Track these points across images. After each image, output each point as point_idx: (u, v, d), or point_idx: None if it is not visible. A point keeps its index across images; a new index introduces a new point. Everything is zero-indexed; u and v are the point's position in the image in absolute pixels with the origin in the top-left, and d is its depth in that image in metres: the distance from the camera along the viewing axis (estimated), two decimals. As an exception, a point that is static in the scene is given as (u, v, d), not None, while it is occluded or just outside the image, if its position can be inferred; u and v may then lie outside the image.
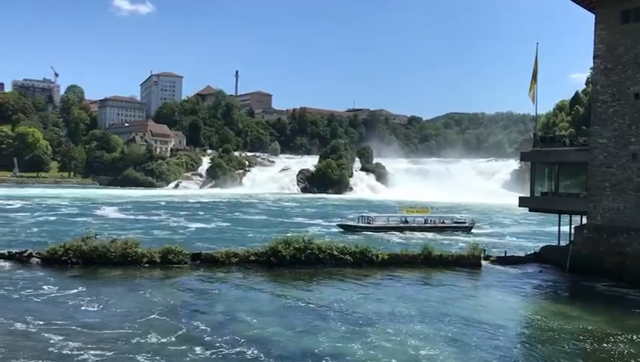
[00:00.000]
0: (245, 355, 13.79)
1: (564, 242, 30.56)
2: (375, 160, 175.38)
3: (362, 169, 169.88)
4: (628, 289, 23.67)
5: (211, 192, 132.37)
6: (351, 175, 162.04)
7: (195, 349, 14.04)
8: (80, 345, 14.03)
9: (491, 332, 16.66)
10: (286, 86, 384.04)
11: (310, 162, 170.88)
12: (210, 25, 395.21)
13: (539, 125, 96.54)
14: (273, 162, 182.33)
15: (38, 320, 16.14)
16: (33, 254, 25.12)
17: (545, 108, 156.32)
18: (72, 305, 18.04)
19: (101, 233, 29.09)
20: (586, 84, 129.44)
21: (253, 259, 26.04)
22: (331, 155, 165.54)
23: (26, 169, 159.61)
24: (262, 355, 13.77)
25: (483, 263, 28.69)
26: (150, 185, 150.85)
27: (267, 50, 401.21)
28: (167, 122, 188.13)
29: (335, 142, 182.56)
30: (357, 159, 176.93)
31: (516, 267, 28.89)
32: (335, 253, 26.60)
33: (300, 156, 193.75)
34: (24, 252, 25.29)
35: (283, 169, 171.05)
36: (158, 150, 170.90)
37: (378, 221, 49.70)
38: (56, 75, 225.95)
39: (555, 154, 29.52)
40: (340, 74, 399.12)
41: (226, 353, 13.92)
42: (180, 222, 53.28)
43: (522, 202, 31.80)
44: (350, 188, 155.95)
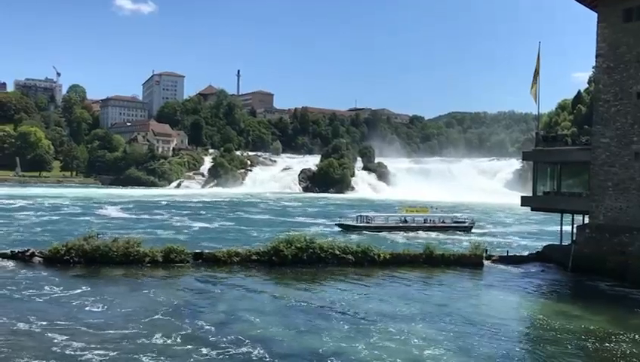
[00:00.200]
0: (251, 355, 13.80)
1: (566, 241, 30.54)
2: (377, 159, 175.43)
3: (364, 168, 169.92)
4: (631, 288, 23.65)
5: (213, 191, 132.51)
6: (353, 174, 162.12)
7: (201, 349, 14.05)
8: (84, 346, 14.04)
9: (494, 331, 16.67)
10: (288, 85, 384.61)
11: (312, 161, 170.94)
12: (211, 24, 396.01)
13: (541, 124, 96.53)
14: (275, 161, 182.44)
15: (42, 320, 16.15)
16: (36, 253, 25.19)
17: (547, 107, 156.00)
18: (76, 305, 18.08)
19: (103, 232, 29.13)
20: (589, 83, 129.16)
21: (255, 259, 26.07)
22: (333, 155, 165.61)
23: (29, 168, 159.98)
24: (267, 355, 13.79)
25: (485, 263, 28.68)
26: (152, 184, 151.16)
27: (269, 49, 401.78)
28: (169, 122, 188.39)
29: (337, 141, 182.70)
30: (359, 158, 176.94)
31: (518, 266, 28.90)
32: (337, 253, 26.62)
33: (302, 155, 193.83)
34: (27, 251, 25.35)
35: (285, 168, 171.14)
36: (160, 149, 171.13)
37: (377, 220, 49.75)
38: (58, 75, 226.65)
39: (558, 153, 29.49)
40: (342, 73, 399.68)
41: (233, 353, 13.93)
42: (182, 222, 53.39)
43: (524, 201, 31.77)
44: (352, 187, 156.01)
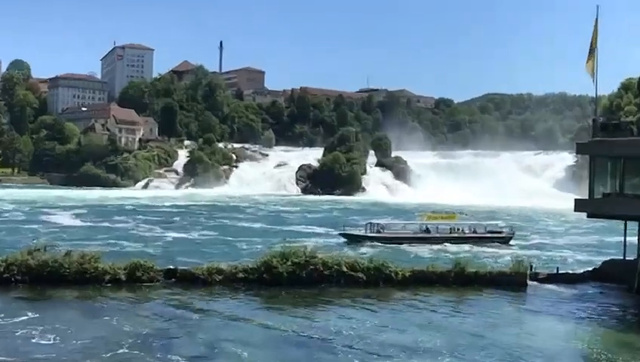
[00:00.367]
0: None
1: (631, 256, 30.49)
2: (394, 153, 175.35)
3: (378, 164, 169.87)
4: None
5: (190, 193, 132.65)
6: (364, 172, 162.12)
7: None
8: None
9: (540, 368, 16.69)
10: (282, 61, 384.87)
11: (313, 156, 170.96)
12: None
13: (600, 109, 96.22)
14: (267, 155, 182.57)
15: (-25, 356, 16.21)
16: (-33, 271, 25.19)
17: (607, 87, 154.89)
18: (20, 336, 18.11)
19: (53, 245, 29.16)
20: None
21: (241, 277, 26.13)
22: (339, 147, 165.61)
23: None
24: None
25: (530, 283, 28.73)
26: (114, 184, 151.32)
27: (258, 16, 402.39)
28: (134, 106, 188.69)
29: (344, 130, 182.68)
30: (371, 152, 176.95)
31: (571, 287, 28.93)
32: (344, 270, 26.65)
33: (301, 148, 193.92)
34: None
35: (279, 164, 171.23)
36: (124, 141, 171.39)
37: (391, 229, 49.90)
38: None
39: (621, 145, 29.41)
40: (351, 45, 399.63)
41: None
42: (151, 231, 53.53)
43: (579, 206, 31.73)
44: (362, 188, 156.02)
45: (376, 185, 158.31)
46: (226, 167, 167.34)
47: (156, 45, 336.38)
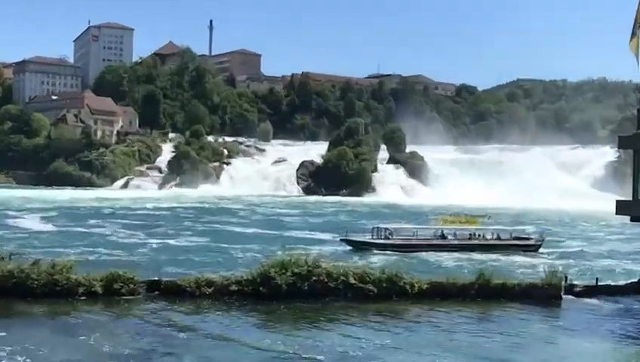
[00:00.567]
0: None
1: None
2: (409, 147, 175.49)
3: (390, 160, 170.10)
4: None
5: (175, 193, 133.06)
6: (374, 169, 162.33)
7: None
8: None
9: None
10: (281, 42, 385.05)
11: (316, 151, 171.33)
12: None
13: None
14: (263, 151, 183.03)
15: None
16: None
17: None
18: (-16, 358, 18.18)
19: (19, 252, 29.25)
20: None
21: (234, 290, 26.14)
22: (346, 141, 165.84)
23: None
24: None
25: (564, 296, 28.66)
26: (88, 183, 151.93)
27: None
28: (111, 94, 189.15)
29: (351, 121, 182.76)
30: (383, 146, 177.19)
31: (612, 301, 28.88)
32: (351, 281, 26.64)
33: (302, 142, 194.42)
34: None
35: (277, 160, 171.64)
36: (100, 134, 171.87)
37: (401, 235, 49.91)
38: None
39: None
40: (359, 24, 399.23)
41: None
42: (132, 237, 53.74)
43: (621, 208, 31.69)
44: (372, 188, 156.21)
45: (388, 184, 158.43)
46: (217, 164, 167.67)
47: (136, 24, 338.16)
